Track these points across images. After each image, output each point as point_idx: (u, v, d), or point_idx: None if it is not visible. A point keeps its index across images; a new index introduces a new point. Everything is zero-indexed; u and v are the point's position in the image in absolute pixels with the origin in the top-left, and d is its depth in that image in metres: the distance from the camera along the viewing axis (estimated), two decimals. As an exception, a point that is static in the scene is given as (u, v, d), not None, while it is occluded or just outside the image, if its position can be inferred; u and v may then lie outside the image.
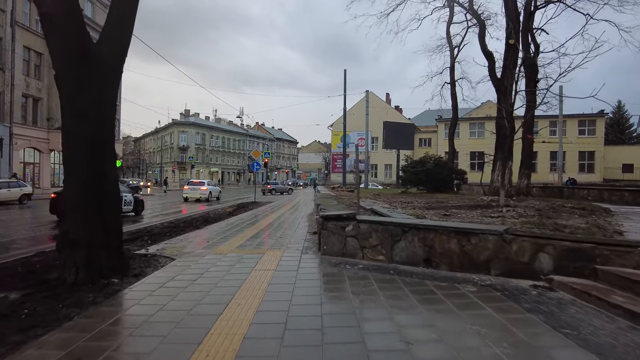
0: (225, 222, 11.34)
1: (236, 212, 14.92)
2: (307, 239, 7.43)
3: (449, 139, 24.04)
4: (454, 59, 23.64)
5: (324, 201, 9.82)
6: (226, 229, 9.49)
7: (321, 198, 11.30)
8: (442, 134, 51.30)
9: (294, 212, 14.93)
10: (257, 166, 24.78)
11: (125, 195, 14.38)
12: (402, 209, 8.49)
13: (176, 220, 12.81)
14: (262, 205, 19.03)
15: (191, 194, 26.45)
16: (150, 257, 5.97)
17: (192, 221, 11.94)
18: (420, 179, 21.86)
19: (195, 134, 73.00)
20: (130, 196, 15.21)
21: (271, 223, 10.65)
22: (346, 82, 29.92)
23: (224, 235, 8.33)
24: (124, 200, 14.01)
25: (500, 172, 11.89)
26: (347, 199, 12.16)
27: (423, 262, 4.97)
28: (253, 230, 8.95)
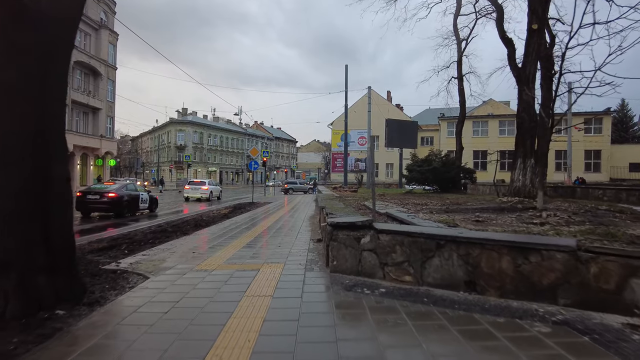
0: (218, 226, 10.19)
1: (231, 215, 13.78)
2: (310, 249, 6.30)
3: (456, 136, 22.96)
4: (461, 52, 22.54)
5: (329, 203, 8.68)
6: (218, 234, 8.35)
7: (325, 200, 10.15)
8: (444, 133, 50.24)
9: (293, 214, 13.80)
10: (255, 165, 23.63)
11: (142, 194, 15.86)
12: (420, 212, 7.37)
13: (165, 223, 11.68)
14: (260, 207, 17.90)
15: (192, 194, 25.81)
16: (119, 275, 4.83)
17: (182, 225, 10.81)
18: (426, 178, 20.76)
19: (192, 133, 71.76)
20: (146, 195, 16.23)
21: (269, 228, 9.51)
22: (347, 77, 28.78)
23: (214, 243, 7.19)
24: (141, 198, 15.53)
25: (522, 171, 10.76)
26: (353, 200, 11.02)
27: (464, 285, 3.83)
28: (248, 237, 7.80)
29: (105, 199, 13.82)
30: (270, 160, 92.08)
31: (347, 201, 10.28)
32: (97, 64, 35.50)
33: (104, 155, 37.91)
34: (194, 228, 9.87)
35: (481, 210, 8.11)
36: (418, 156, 22.83)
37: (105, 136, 37.12)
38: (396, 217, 5.83)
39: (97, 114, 36.50)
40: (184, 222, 11.60)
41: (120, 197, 14.27)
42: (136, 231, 9.53)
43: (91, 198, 13.89)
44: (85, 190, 14.42)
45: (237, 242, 7.16)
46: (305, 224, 10.13)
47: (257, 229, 9.14)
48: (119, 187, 15.09)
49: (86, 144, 34.43)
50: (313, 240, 7.20)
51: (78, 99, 32.90)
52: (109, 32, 37.26)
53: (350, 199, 11.54)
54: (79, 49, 32.68)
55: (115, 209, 14.19)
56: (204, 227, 10.07)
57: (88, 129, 35.85)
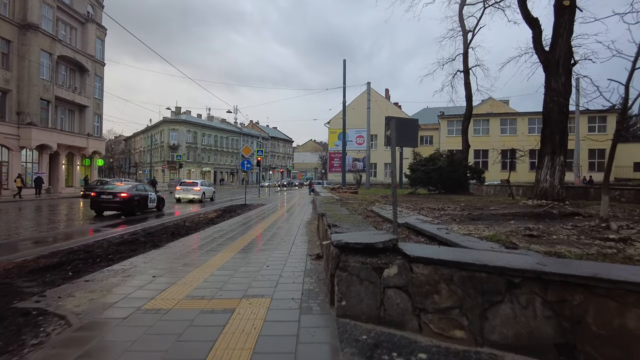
0: (200, 234, 8.70)
1: (218, 220, 12.29)
2: (307, 271, 4.84)
3: (462, 134, 21.53)
4: (467, 44, 21.12)
5: (329, 208, 7.20)
6: (194, 247, 6.86)
7: (324, 203, 8.63)
8: (444, 131, 49.02)
9: (288, 218, 12.33)
10: (247, 164, 22.12)
11: (151, 194, 16.67)
12: (438, 219, 5.92)
13: (142, 230, 10.16)
14: (252, 209, 16.41)
15: (184, 195, 24.53)
16: (32, 319, 3.34)
17: (158, 233, 9.32)
18: (431, 178, 19.31)
19: (186, 132, 70.09)
20: (154, 195, 17.06)
21: (257, 238, 8.03)
22: (345, 72, 27.30)
23: (185, 261, 5.70)
24: (149, 198, 16.40)
25: (549, 170, 9.33)
26: (357, 203, 9.55)
27: (555, 351, 2.38)
28: (230, 252, 6.31)
29: (117, 199, 14.76)
30: (266, 160, 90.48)
31: (350, 205, 8.81)
32: (84, 59, 33.83)
33: (92, 155, 36.24)
34: (170, 238, 8.37)
35: (514, 218, 6.67)
36: (422, 155, 21.37)
37: (92, 135, 35.45)
38: (421, 230, 4.36)
39: (84, 112, 34.82)
40: (162, 230, 10.11)
41: (131, 197, 15.08)
42: (102, 241, 8.01)
43: (105, 198, 14.85)
44: (99, 191, 15.36)
45: (214, 260, 5.67)
46: (302, 233, 8.66)
47: (243, 239, 7.66)
48: (130, 187, 15.93)
49: (72, 143, 32.75)
50: (311, 257, 5.73)
51: (62, 95, 31.24)
52: (97, 27, 35.61)
53: (353, 202, 10.07)
54: (62, 43, 31.06)
55: (126, 208, 14.99)
56: (183, 236, 8.58)
57: (74, 127, 34.18)
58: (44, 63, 28.95)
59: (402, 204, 10.74)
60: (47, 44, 29.03)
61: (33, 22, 27.66)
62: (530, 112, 46.73)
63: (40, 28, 28.20)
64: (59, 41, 30.58)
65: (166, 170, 65.15)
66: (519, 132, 46.56)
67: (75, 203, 22.44)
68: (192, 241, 7.64)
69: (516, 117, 47.43)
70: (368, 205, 9.11)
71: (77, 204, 21.95)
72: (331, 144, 53.79)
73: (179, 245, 7.15)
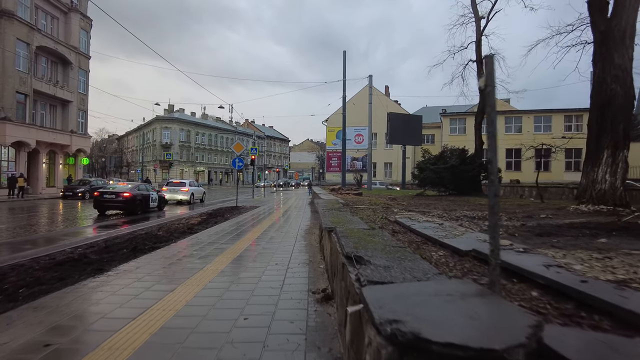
0: (169, 249, 6.72)
1: (199, 227, 10.31)
2: (311, 333, 2.91)
3: (475, 129, 19.67)
4: (480, 32, 19.25)
5: (338, 218, 5.24)
6: (145, 275, 4.89)
7: (329, 210, 6.64)
8: (447, 130, 47.17)
9: (283, 225, 10.37)
10: (239, 163, 20.13)
11: (152, 194, 16.89)
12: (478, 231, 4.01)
13: (104, 240, 8.18)
14: (243, 213, 14.44)
15: (171, 196, 22.56)
16: None
17: (116, 247, 7.35)
18: (442, 178, 17.43)
19: (179, 131, 67.93)
20: (155, 194, 17.26)
21: (241, 256, 6.07)
22: (345, 65, 25.37)
23: (125, 301, 3.74)
24: (151, 197, 16.62)
25: (610, 168, 7.43)
26: (370, 210, 7.58)
27: None
28: (193, 287, 4.33)
29: (120, 199, 14.93)
30: (262, 159, 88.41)
31: (361, 212, 6.85)
32: (66, 51, 31.70)
33: (76, 153, 34.12)
34: (128, 255, 6.39)
35: (594, 231, 4.75)
36: (430, 152, 19.48)
37: (76, 132, 33.32)
38: (520, 268, 2.41)
39: (67, 107, 32.70)
40: (126, 241, 8.14)
41: (134, 197, 15.22)
42: (30, 262, 6.02)
43: (107, 197, 15.06)
44: (102, 191, 15.62)
45: (163, 305, 3.70)
46: (300, 248, 6.72)
47: (221, 260, 5.69)
48: (132, 187, 16.12)
49: (53, 140, 30.62)
50: (315, 295, 3.80)
51: (42, 89, 29.12)
52: (81, 17, 33.47)
53: (364, 207, 8.11)
54: (42, 33, 28.93)
55: (129, 208, 15.14)
56: (145, 252, 6.59)
57: (56, 123, 32.04)
58: (20, 53, 26.82)
59: (421, 209, 8.81)
60: (24, 33, 26.90)
61: (7, 9, 25.51)
62: (536, 110, 45.02)
63: (16, 15, 26.07)
64: (38, 30, 28.44)
65: (158, 169, 62.94)
66: (524, 130, 44.77)
67: (48, 205, 20.34)
68: (152, 262, 5.66)
69: (521, 115, 45.63)
70: (385, 211, 7.16)
71: (50, 206, 19.87)
72: (329, 143, 51.88)
73: (132, 269, 5.17)
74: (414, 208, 8.86)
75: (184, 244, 7.25)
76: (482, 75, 1.75)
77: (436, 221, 5.10)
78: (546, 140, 44.04)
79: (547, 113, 44.45)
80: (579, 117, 43.16)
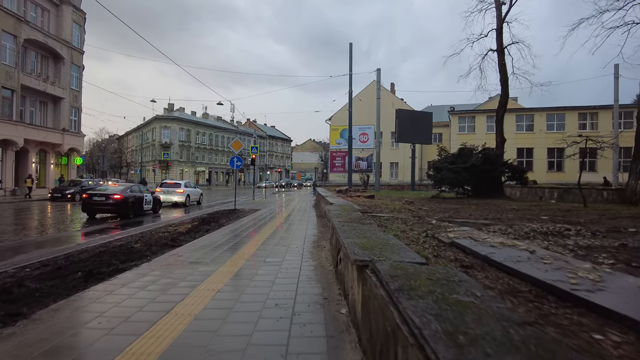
0: (133, 273, 5.06)
1: (185, 237, 8.66)
2: None
3: (496, 125, 17.93)
4: (501, 19, 17.54)
5: (364, 237, 3.56)
6: (83, 324, 3.25)
7: (346, 223, 4.97)
8: (455, 128, 45.49)
9: (285, 236, 8.71)
10: (237, 162, 18.50)
11: (146, 195, 16.01)
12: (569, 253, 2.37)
13: (64, 257, 6.54)
14: (241, 218, 12.81)
15: (165, 198, 21.04)
16: None
17: (68, 268, 5.71)
18: (462, 179, 15.71)
19: (179, 130, 66.43)
20: (150, 196, 16.38)
21: (226, 291, 4.42)
22: (352, 57, 23.70)
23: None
24: (145, 199, 15.73)
25: None
26: (399, 220, 5.89)
27: None
28: (149, 345, 2.71)
29: (110, 201, 14.02)
30: (263, 159, 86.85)
31: (390, 225, 5.16)
32: (58, 45, 30.15)
33: (68, 152, 32.57)
34: (77, 284, 4.76)
35: None
36: (447, 150, 17.74)
37: (68, 130, 31.75)
38: None
39: (59, 105, 31.16)
40: (90, 257, 6.53)
41: (125, 199, 14.38)
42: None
43: (97, 200, 14.11)
44: (91, 193, 14.62)
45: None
46: (308, 273, 5.06)
47: (197, 299, 4.03)
48: (124, 188, 15.27)
49: (43, 139, 29.07)
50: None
51: (32, 84, 27.58)
52: (73, 9, 31.91)
53: (389, 217, 6.41)
54: (31, 25, 27.38)
55: (120, 211, 14.29)
56: (102, 279, 4.94)
57: (47, 121, 30.50)
58: (6, 46, 25.28)
59: (461, 218, 7.12)
60: (11, 25, 25.35)
61: (-8, -1, 24.02)
62: (549, 107, 43.17)
63: (2, 6, 24.53)
64: (27, 23, 26.89)
65: (157, 169, 61.38)
66: (536, 129, 42.98)
67: (31, 208, 18.72)
68: (99, 299, 4.00)
69: (533, 112, 43.80)
70: (420, 223, 5.46)
71: (34, 209, 18.26)
72: (332, 142, 50.18)
73: (66, 312, 3.51)
74: (444, 215, 7.18)
75: (156, 265, 5.58)
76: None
77: (517, 245, 3.41)
78: (559, 138, 42.31)
79: (560, 111, 42.59)
80: (594, 115, 41.33)
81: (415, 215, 6.83)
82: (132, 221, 13.79)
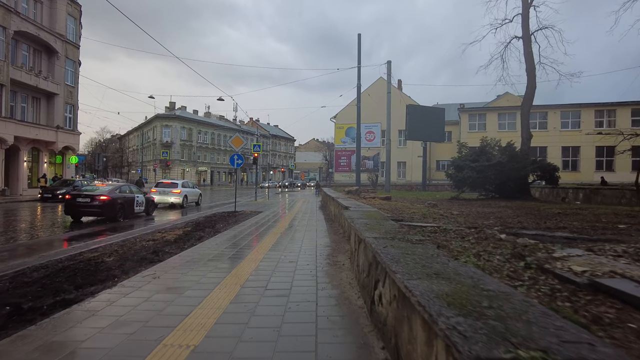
0: (68, 316, 3.57)
1: (170, 249, 7.15)
2: None
3: (521, 119, 16.35)
4: (528, 2, 15.94)
5: (432, 272, 2.00)
6: None
7: (389, 240, 3.43)
8: (465, 126, 43.85)
9: (291, 244, 7.19)
10: (238, 160, 16.98)
11: (137, 196, 14.75)
12: None
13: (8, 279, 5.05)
14: (241, 222, 11.32)
15: (160, 199, 19.60)
16: None
17: (12, 292, 4.21)
18: (486, 178, 14.14)
19: (180, 129, 65.01)
20: (142, 197, 15.16)
21: (208, 348, 2.91)
22: (360, 48, 22.14)
23: None
24: (136, 201, 14.52)
25: None
26: (455, 237, 4.34)
27: None
28: None
29: (96, 203, 12.79)
30: (266, 159, 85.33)
31: (449, 244, 3.62)
32: (51, 38, 28.72)
33: (63, 150, 31.16)
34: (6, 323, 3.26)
35: None
36: (468, 146, 16.12)
37: (63, 127, 30.33)
38: None
39: (53, 101, 29.73)
40: (40, 278, 5.05)
41: (113, 201, 13.16)
42: None
43: (81, 201, 12.89)
44: (75, 193, 13.42)
45: None
46: (328, 312, 3.54)
47: (167, 353, 2.53)
48: (112, 189, 14.11)
49: (35, 136, 27.63)
50: None
51: (23, 79, 26.13)
52: (68, 1, 30.46)
53: (434, 228, 4.88)
54: (22, 16, 25.98)
55: (107, 213, 13.06)
56: (33, 320, 3.44)
57: (39, 118, 29.07)
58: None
59: (531, 229, 5.56)
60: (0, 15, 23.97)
61: (-21, -13, 22.63)
62: (563, 105, 41.36)
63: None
64: (17, 14, 25.47)
65: (158, 169, 60.01)
66: (549, 127, 41.19)
67: (16, 210, 17.26)
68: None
69: (546, 110, 41.97)
70: (484, 239, 3.91)
71: (19, 210, 16.81)
72: (337, 141, 48.60)
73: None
74: (490, 222, 5.63)
75: (118, 293, 4.06)
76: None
77: None
78: (575, 137, 40.39)
79: (575, 108, 40.78)
80: (612, 112, 39.53)
81: (461, 224, 5.28)
82: (120, 225, 12.32)
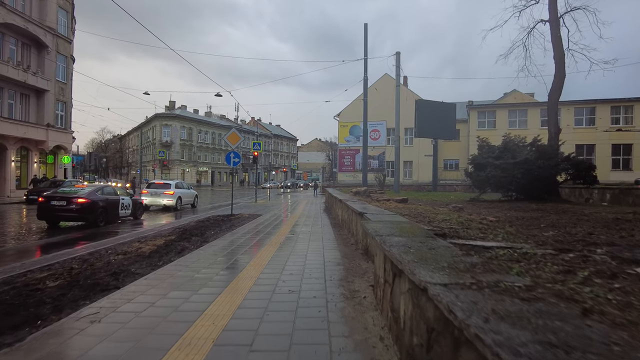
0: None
1: (140, 267, 5.60)
2: None
3: (548, 111, 14.78)
4: (555, -19, 14.36)
5: None
6: None
7: (470, 293, 1.92)
8: (474, 124, 42.33)
9: (294, 260, 5.64)
10: (235, 158, 15.49)
11: (123, 199, 13.65)
12: None
13: None
14: (235, 228, 9.80)
15: (152, 201, 18.17)
16: None
17: None
18: (513, 178, 12.53)
19: (180, 129, 63.65)
20: (128, 199, 13.96)
21: None
22: (367, 38, 20.58)
23: None
24: (121, 204, 13.42)
25: None
26: (534, 258, 2.74)
27: None
28: None
29: (73, 206, 11.56)
30: (268, 159, 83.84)
31: (551, 290, 2.05)
32: (40, 31, 27.29)
33: (54, 150, 29.74)
34: None
35: None
36: (489, 141, 14.50)
37: (54, 125, 28.90)
38: None
39: (43, 97, 28.30)
40: None
41: (93, 204, 11.92)
42: None
43: (56, 205, 11.65)
44: (49, 195, 12.15)
45: None
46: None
47: None
48: (91, 190, 12.69)
49: (24, 135, 26.19)
50: None
51: (9, 74, 24.68)
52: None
53: (499, 246, 3.30)
54: (7, 7, 24.53)
55: (86, 218, 11.84)
56: None
57: (28, 115, 27.64)
58: (-22, 30, 22.50)
59: (575, 237, 3.98)
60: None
61: (-41, -25, 21.20)
62: (577, 101, 39.56)
63: (-28, -16, 21.75)
64: (2, 5, 24.05)
65: (157, 169, 58.61)
66: (563, 124, 39.21)
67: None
68: None
69: (560, 106, 40.00)
70: (586, 268, 2.33)
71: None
72: (341, 140, 46.98)
73: None
74: (553, 233, 4.04)
75: (25, 356, 2.52)
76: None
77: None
78: (590, 134, 38.68)
79: (589, 104, 39.06)
80: (629, 108, 37.77)
81: (530, 241, 3.69)
82: (100, 232, 10.82)
